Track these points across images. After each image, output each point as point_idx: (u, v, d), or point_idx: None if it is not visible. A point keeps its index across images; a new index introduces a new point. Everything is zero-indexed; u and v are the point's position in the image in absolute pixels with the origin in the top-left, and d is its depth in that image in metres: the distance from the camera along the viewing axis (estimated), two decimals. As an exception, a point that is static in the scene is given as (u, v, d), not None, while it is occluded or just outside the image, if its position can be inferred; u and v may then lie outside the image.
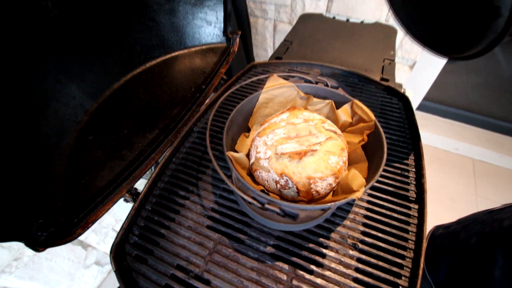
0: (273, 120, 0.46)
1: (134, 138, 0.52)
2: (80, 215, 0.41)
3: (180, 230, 0.43)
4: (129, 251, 0.42)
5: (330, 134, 0.41)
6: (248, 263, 0.39)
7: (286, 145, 0.40)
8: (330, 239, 0.41)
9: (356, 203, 0.45)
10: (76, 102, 0.51)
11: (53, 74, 0.48)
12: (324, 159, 0.39)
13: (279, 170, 0.39)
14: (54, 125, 0.47)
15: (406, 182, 0.48)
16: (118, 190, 0.46)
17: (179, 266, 0.40)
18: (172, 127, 0.55)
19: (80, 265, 1.11)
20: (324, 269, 0.39)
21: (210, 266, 0.39)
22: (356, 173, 0.38)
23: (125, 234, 0.43)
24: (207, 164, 0.52)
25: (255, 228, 0.43)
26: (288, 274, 0.38)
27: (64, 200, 0.42)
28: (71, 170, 0.46)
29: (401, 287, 0.37)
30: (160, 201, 0.47)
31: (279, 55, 0.81)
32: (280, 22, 1.46)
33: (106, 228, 1.19)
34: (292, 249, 0.41)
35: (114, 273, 0.38)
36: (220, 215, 0.45)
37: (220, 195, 0.47)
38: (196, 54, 0.68)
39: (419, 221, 0.43)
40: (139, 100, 0.59)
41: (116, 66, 0.59)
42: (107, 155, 0.49)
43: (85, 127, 0.52)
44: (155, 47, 0.64)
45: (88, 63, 0.54)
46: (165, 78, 0.63)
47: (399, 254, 0.40)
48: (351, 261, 0.39)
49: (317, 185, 0.38)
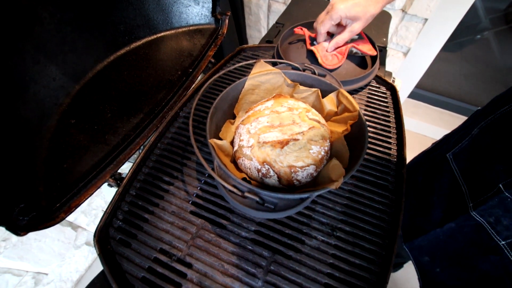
0: (257, 108, 0.46)
1: (118, 122, 0.52)
2: (63, 200, 0.41)
3: (164, 215, 0.44)
4: (113, 235, 0.43)
5: (313, 123, 0.42)
6: (230, 248, 0.41)
7: (269, 133, 0.40)
8: (309, 226, 0.43)
9: (336, 192, 0.46)
10: (56, 84, 0.50)
11: (31, 55, 0.46)
12: (306, 148, 0.39)
13: (261, 159, 0.39)
14: (34, 108, 0.46)
15: (387, 172, 0.49)
16: (101, 175, 0.45)
17: (162, 250, 0.41)
18: (157, 111, 0.54)
19: (71, 246, 1.12)
20: (302, 254, 0.40)
21: (192, 250, 0.41)
22: (337, 164, 0.39)
23: (109, 218, 0.44)
24: (193, 150, 0.52)
25: (238, 214, 0.44)
26: (267, 258, 0.40)
27: (46, 184, 0.42)
28: (53, 155, 0.45)
29: (375, 268, 0.39)
30: (144, 186, 0.47)
31: (270, 39, 0.79)
32: (275, 2, 1.41)
33: (96, 210, 1.19)
34: (272, 235, 0.42)
35: (98, 256, 0.39)
36: (204, 201, 0.45)
37: (205, 182, 0.48)
38: (183, 36, 0.66)
39: (395, 211, 0.44)
40: (123, 83, 0.57)
41: (99, 47, 0.57)
42: (90, 139, 0.49)
43: (67, 110, 0.50)
44: (139, 27, 0.61)
45: (68, 43, 0.52)
46: (150, 60, 0.61)
47: (375, 241, 0.41)
48: (329, 248, 0.41)
49: (298, 174, 0.39)
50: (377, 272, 0.39)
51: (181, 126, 0.56)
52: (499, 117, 0.47)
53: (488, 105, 0.53)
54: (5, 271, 0.88)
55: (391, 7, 1.11)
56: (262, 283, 0.38)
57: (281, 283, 0.38)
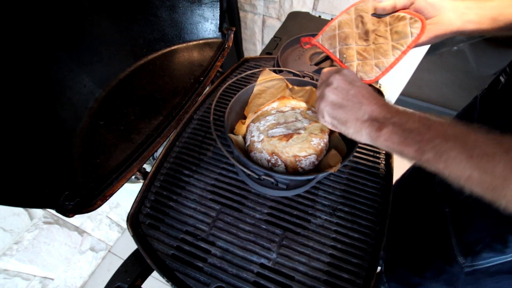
0: (265, 109, 0.53)
1: (141, 124, 0.58)
2: (99, 189, 0.47)
3: (187, 203, 0.50)
4: (142, 220, 0.48)
5: (313, 119, 0.49)
6: (246, 228, 0.47)
7: (276, 129, 0.48)
8: (314, 208, 0.50)
9: (335, 180, 0.54)
10: (86, 90, 0.56)
11: (66, 64, 0.53)
12: (308, 140, 0.46)
13: (270, 150, 0.46)
14: (69, 111, 0.52)
15: (377, 162, 0.57)
16: (129, 168, 0.51)
17: (187, 232, 0.47)
18: (174, 114, 0.61)
19: (76, 251, 1.14)
20: (309, 231, 0.47)
21: (214, 231, 0.47)
22: (335, 153, 0.46)
23: (138, 206, 0.49)
24: (208, 147, 0.59)
25: (251, 200, 0.50)
26: (279, 235, 0.46)
27: (84, 176, 0.47)
28: (87, 151, 0.51)
29: (371, 240, 0.46)
30: (167, 179, 0.54)
31: (269, 51, 0.87)
32: (269, 18, 1.52)
33: (100, 215, 1.22)
34: (283, 216, 0.48)
35: (132, 237, 0.45)
36: (221, 189, 0.52)
37: (220, 173, 0.54)
38: (194, 48, 0.74)
39: (386, 194, 0.52)
40: (143, 89, 0.64)
41: (121, 58, 0.64)
42: (118, 138, 0.55)
43: (96, 113, 0.57)
44: (156, 40, 0.69)
45: (96, 54, 0.59)
46: (166, 70, 0.68)
47: (369, 219, 0.49)
48: (331, 225, 0.48)
49: (302, 162, 0.46)
50: (372, 244, 0.46)
51: (196, 127, 0.63)
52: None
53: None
54: (16, 274, 0.90)
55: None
56: (276, 255, 0.44)
57: (292, 254, 0.44)
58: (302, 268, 0.43)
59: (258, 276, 0.43)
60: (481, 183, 0.27)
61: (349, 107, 0.37)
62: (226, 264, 0.44)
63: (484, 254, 0.44)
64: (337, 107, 0.38)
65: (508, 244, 0.40)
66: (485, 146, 0.27)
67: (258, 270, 0.43)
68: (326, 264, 0.44)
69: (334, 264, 0.44)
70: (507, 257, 0.42)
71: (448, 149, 0.28)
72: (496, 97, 0.48)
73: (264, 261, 0.44)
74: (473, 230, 0.45)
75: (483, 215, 0.44)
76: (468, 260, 0.47)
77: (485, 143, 0.27)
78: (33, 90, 0.45)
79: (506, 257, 0.42)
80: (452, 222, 0.50)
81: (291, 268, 0.43)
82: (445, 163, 0.29)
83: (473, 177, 0.27)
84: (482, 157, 0.26)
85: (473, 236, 0.45)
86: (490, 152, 0.26)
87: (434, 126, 0.31)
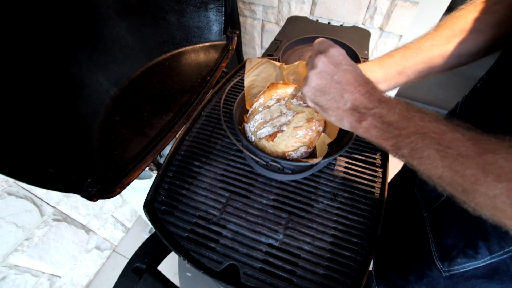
0: (254, 106, 0.54)
1: (153, 119, 0.62)
2: (117, 178, 0.50)
3: (198, 190, 0.54)
4: (158, 206, 0.52)
5: (298, 109, 0.49)
6: (255, 212, 0.51)
7: (263, 129, 0.49)
8: (316, 194, 0.54)
9: (336, 168, 0.58)
10: (103, 88, 0.60)
11: (86, 64, 0.57)
12: (293, 135, 0.47)
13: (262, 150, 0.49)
14: (88, 107, 0.56)
15: (374, 152, 0.61)
16: (144, 160, 0.55)
17: (200, 216, 0.51)
18: (184, 111, 0.65)
19: (82, 249, 1.17)
20: (312, 214, 0.51)
21: (224, 215, 0.51)
22: (321, 142, 0.48)
23: (153, 194, 0.53)
24: (216, 141, 0.63)
25: (258, 187, 0.54)
26: (285, 218, 0.50)
27: (103, 166, 0.51)
28: (105, 144, 0.55)
29: (369, 222, 0.50)
30: (179, 170, 0.57)
31: (271, 53, 0.92)
32: (268, 22, 1.58)
33: (106, 214, 1.25)
34: (287, 202, 0.52)
35: (149, 222, 0.49)
36: (230, 178, 0.56)
37: (228, 164, 0.58)
38: (201, 50, 0.78)
39: (382, 181, 0.56)
40: (154, 88, 0.68)
41: (133, 58, 0.68)
42: (133, 132, 0.59)
43: (111, 109, 0.61)
44: (165, 43, 0.73)
45: (111, 55, 0.63)
46: (175, 70, 0.73)
47: (368, 203, 0.53)
48: (332, 209, 0.52)
49: (292, 155, 0.48)
50: (371, 225, 0.50)
51: (204, 123, 0.67)
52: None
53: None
54: (26, 270, 0.93)
55: (370, 26, 1.28)
56: (283, 236, 0.48)
57: (298, 235, 0.48)
58: (307, 247, 0.47)
59: (267, 255, 0.46)
60: (452, 183, 0.27)
61: (331, 94, 0.36)
62: (237, 245, 0.47)
63: (459, 259, 0.43)
64: (319, 93, 0.37)
65: (479, 250, 0.40)
66: (461, 146, 0.27)
67: (266, 249, 0.47)
68: (329, 243, 0.48)
69: (336, 243, 0.48)
70: (479, 263, 0.41)
71: (424, 147, 0.28)
72: (473, 103, 0.48)
73: (272, 241, 0.48)
74: (449, 235, 0.45)
75: (457, 221, 0.44)
76: (445, 265, 0.46)
77: (461, 143, 0.27)
78: (59, 86, 0.49)
79: (477, 262, 0.41)
80: (430, 227, 0.50)
81: (296, 247, 0.47)
82: (419, 160, 0.29)
83: (445, 177, 0.27)
84: (455, 158, 0.26)
85: (449, 241, 0.45)
86: (463, 153, 0.26)
87: (414, 120, 0.30)
